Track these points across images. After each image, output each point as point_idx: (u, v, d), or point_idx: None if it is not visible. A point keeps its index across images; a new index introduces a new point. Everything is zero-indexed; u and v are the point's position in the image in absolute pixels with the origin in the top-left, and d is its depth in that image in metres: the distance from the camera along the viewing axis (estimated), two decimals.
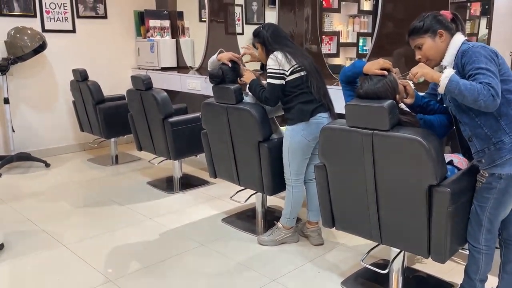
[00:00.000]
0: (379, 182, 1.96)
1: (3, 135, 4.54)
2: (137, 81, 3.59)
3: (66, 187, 3.92)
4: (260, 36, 2.61)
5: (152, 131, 3.68)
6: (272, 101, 2.56)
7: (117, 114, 4.30)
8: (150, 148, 3.80)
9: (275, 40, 2.58)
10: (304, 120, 2.53)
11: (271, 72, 2.52)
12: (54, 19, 4.71)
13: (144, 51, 5.20)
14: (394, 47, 3.22)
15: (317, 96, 2.51)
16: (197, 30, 5.17)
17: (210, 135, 2.98)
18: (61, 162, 4.66)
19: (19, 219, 3.22)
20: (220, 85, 2.76)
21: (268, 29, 2.61)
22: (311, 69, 2.53)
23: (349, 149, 1.99)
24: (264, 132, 2.65)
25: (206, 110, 2.92)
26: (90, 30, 4.99)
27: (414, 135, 1.81)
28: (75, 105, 4.64)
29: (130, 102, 3.79)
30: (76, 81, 4.41)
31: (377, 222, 2.03)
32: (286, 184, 2.71)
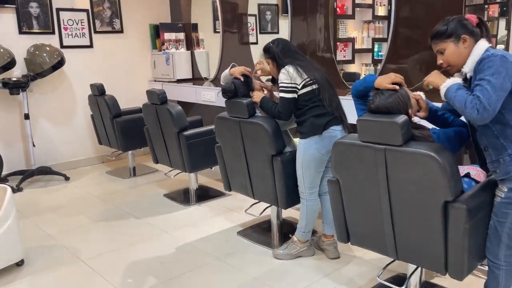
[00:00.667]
0: (393, 198, 1.92)
1: (24, 150, 4.64)
2: (152, 95, 3.63)
3: (85, 201, 3.98)
4: (270, 52, 2.62)
5: (167, 144, 3.70)
6: (285, 115, 2.56)
7: (134, 127, 4.35)
8: (166, 161, 3.83)
9: (285, 54, 2.57)
10: (317, 134, 2.51)
11: (283, 86, 2.51)
12: (72, 35, 4.81)
13: (159, 64, 5.26)
14: (409, 52, 3.18)
15: (329, 109, 2.49)
16: (212, 42, 5.20)
17: (224, 149, 2.98)
18: (81, 175, 4.73)
19: (39, 234, 3.28)
20: (232, 99, 2.76)
21: (278, 44, 2.61)
22: (323, 82, 2.51)
23: (362, 164, 1.97)
24: (277, 145, 2.64)
25: (219, 124, 2.93)
26: (107, 44, 5.08)
27: (427, 150, 1.77)
28: (93, 119, 4.72)
29: (146, 116, 3.83)
30: (94, 96, 4.48)
31: (392, 238, 1.99)
32: (301, 197, 2.69)
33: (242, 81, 2.77)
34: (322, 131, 2.51)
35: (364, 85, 2.04)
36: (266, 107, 2.63)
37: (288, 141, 2.82)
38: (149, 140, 3.91)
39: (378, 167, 1.91)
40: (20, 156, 4.62)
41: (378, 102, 1.88)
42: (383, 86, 1.91)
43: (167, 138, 3.67)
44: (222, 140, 2.97)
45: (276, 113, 2.56)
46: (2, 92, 4.41)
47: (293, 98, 2.51)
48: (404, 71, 3.22)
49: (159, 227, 3.32)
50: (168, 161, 3.79)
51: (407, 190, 1.86)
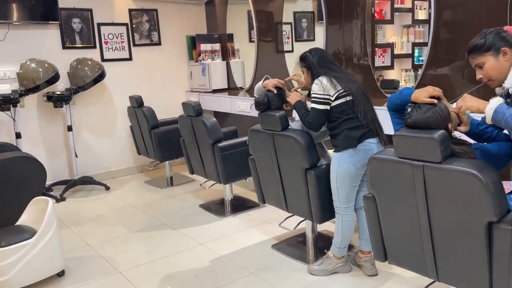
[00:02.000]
0: (433, 217, 1.83)
1: (68, 160, 4.81)
2: (188, 107, 3.66)
3: (124, 210, 4.06)
4: (306, 61, 2.59)
5: (202, 156, 3.72)
6: (315, 126, 2.52)
7: (171, 138, 4.41)
8: (201, 172, 3.85)
9: (321, 64, 2.54)
10: (351, 147, 2.45)
11: (316, 97, 2.48)
12: (112, 48, 4.95)
13: (196, 74, 5.32)
14: (451, 57, 3.05)
15: (364, 121, 2.43)
16: (247, 51, 5.22)
17: (258, 161, 2.96)
18: (120, 185, 4.84)
19: (79, 244, 3.37)
20: (266, 112, 2.74)
21: (315, 54, 2.58)
22: (358, 93, 2.45)
23: (399, 181, 1.89)
24: (311, 159, 2.59)
25: (252, 136, 2.92)
26: (146, 57, 5.19)
27: (468, 167, 1.67)
28: (132, 130, 4.82)
29: (181, 128, 3.87)
30: (133, 107, 4.59)
31: (432, 258, 1.89)
32: (336, 212, 2.63)
33: (275, 93, 2.74)
34: (356, 144, 2.45)
35: (401, 99, 1.97)
36: (299, 112, 2.60)
37: (322, 153, 2.76)
38: (185, 151, 3.94)
39: (416, 185, 1.82)
40: (64, 166, 4.79)
41: (416, 117, 1.81)
42: (420, 100, 1.84)
43: (202, 149, 3.69)
44: (255, 152, 2.96)
45: (306, 122, 2.53)
46: (47, 105, 4.59)
47: (325, 110, 2.46)
48: (446, 78, 3.10)
49: (194, 239, 3.33)
50: (203, 172, 3.81)
51: (447, 209, 1.77)
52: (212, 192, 4.31)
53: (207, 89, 5.18)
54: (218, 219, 3.71)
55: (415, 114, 1.81)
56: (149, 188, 4.67)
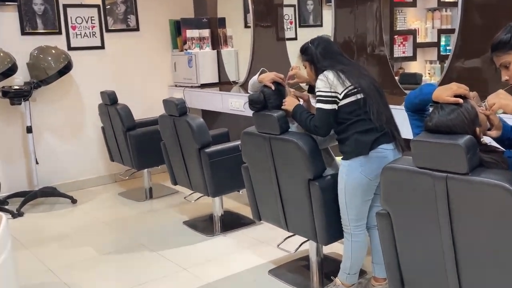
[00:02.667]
0: (457, 237, 1.83)
1: (27, 168, 4.80)
2: (170, 105, 3.67)
3: (94, 228, 4.06)
4: (308, 53, 2.60)
5: (187, 163, 3.72)
6: (322, 130, 2.52)
7: (150, 142, 4.41)
8: (185, 183, 3.86)
9: (326, 56, 2.55)
10: (362, 154, 2.46)
11: (321, 96, 2.48)
12: (80, 35, 4.96)
13: (181, 66, 5.33)
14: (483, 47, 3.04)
15: (378, 123, 2.43)
16: (242, 39, 5.22)
17: (252, 170, 2.97)
18: (89, 197, 4.84)
19: (39, 268, 3.36)
20: (261, 112, 2.75)
21: (318, 44, 2.59)
22: (370, 90, 2.46)
23: (418, 195, 1.89)
24: (315, 168, 2.60)
25: (246, 141, 2.92)
26: (121, 45, 5.20)
27: (500, 179, 1.67)
28: (104, 132, 4.83)
29: (162, 129, 3.88)
30: (105, 105, 4.59)
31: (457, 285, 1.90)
32: (344, 231, 2.63)
33: (273, 90, 2.75)
34: (368, 151, 2.45)
35: (420, 98, 1.97)
36: (300, 118, 2.60)
37: (329, 161, 2.77)
38: (166, 158, 3.95)
39: (438, 200, 1.83)
40: (22, 175, 4.79)
41: (437, 119, 1.81)
42: (443, 99, 1.84)
43: (186, 155, 3.69)
44: (249, 160, 2.96)
45: (311, 127, 2.53)
46: (2, 102, 4.59)
47: (333, 110, 2.47)
48: (477, 71, 3.11)
49: (177, 263, 3.33)
50: (188, 182, 3.81)
51: (474, 227, 1.77)
52: (199, 207, 4.31)
53: (194, 83, 5.18)
54: (205, 239, 3.71)
55: (437, 116, 1.81)
56: (124, 201, 4.67)
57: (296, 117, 2.63)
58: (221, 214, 3.88)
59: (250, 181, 3.01)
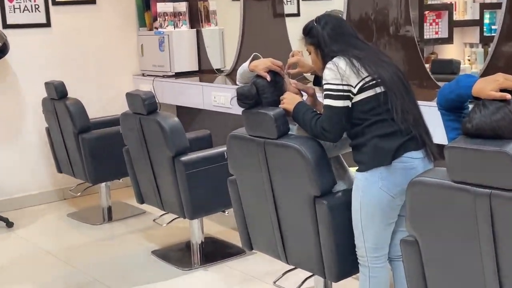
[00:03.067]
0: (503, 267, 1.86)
1: None
2: (135, 101, 3.67)
3: (35, 260, 4.03)
4: (313, 35, 2.61)
5: (157, 176, 3.73)
6: (332, 134, 2.53)
7: (109, 148, 4.40)
8: (155, 201, 3.85)
9: (336, 39, 2.56)
10: (383, 164, 2.47)
11: (330, 90, 2.49)
12: (20, 9, 4.96)
13: (150, 49, 5.34)
14: None
15: (402, 125, 2.44)
16: (229, 14, 5.24)
17: (241, 185, 2.97)
18: (30, 220, 4.81)
19: None
20: (253, 110, 2.75)
21: (326, 23, 2.60)
22: (393, 82, 2.47)
23: (455, 216, 1.93)
24: (322, 182, 2.60)
25: (233, 146, 2.92)
26: (72, 22, 5.20)
27: None
28: (49, 135, 4.81)
29: (125, 131, 3.88)
30: (51, 100, 4.59)
31: None
32: (360, 264, 2.64)
33: (268, 81, 2.76)
34: (391, 160, 2.46)
35: (457, 92, 2.00)
36: (304, 119, 2.61)
37: (340, 173, 2.78)
38: (130, 169, 3.95)
39: (480, 222, 1.86)
40: None
41: (479, 120, 1.84)
42: (486, 95, 1.87)
43: (156, 165, 3.69)
44: (238, 171, 2.96)
45: (318, 129, 2.54)
46: None
47: (345, 108, 2.48)
48: None
49: None
50: (159, 200, 3.80)
51: None
52: (172, 232, 4.30)
53: (167, 72, 5.19)
54: (180, 274, 3.70)
55: (478, 116, 1.84)
56: (75, 225, 4.64)
57: (299, 118, 2.63)
58: (201, 242, 3.87)
59: (238, 199, 3.00)
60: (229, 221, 4.37)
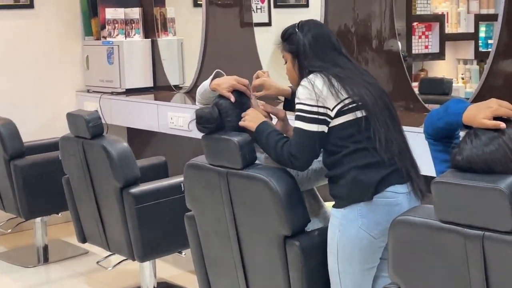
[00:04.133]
0: None
1: None
2: (78, 122, 3.66)
3: None
4: (293, 42, 2.65)
5: (102, 210, 3.72)
6: (301, 161, 2.55)
7: (46, 177, 4.39)
8: (99, 240, 3.83)
9: (317, 52, 2.60)
10: (363, 199, 2.50)
11: (303, 111, 2.52)
12: None
13: (97, 62, 5.34)
14: None
15: (385, 155, 2.47)
16: (190, 23, 5.27)
17: (200, 222, 2.97)
18: None
19: None
20: (215, 135, 2.77)
21: (309, 30, 2.63)
22: (377, 106, 2.51)
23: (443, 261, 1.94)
24: (294, 219, 2.61)
25: (191, 177, 2.93)
26: (5, 28, 5.19)
27: None
28: None
29: (65, 158, 3.87)
30: None
31: None
32: None
33: (232, 102, 2.77)
34: (372, 195, 2.49)
35: (446, 120, 2.03)
36: (267, 141, 2.61)
37: (315, 209, 2.80)
38: (70, 201, 3.93)
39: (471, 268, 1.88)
40: None
41: (470, 152, 1.87)
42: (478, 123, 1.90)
43: (101, 198, 3.68)
44: (196, 206, 2.97)
45: (285, 155, 2.54)
46: None
47: (319, 133, 2.51)
48: None
49: None
50: (104, 239, 3.79)
51: None
52: (120, 276, 4.28)
53: (116, 88, 5.20)
54: None
55: (470, 147, 1.87)
56: (4, 267, 4.59)
57: (261, 140, 2.63)
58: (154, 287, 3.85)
59: (197, 238, 3.00)
60: (185, 264, 4.36)
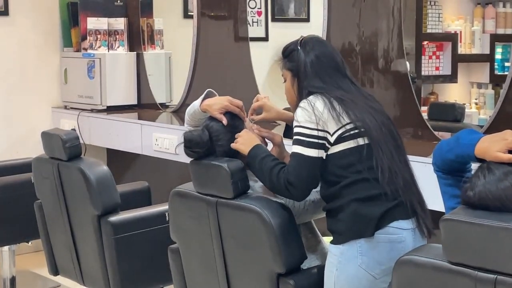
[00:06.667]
0: None
1: None
2: (53, 141, 3.66)
3: None
4: (294, 59, 2.67)
5: (77, 240, 3.71)
6: (299, 189, 2.54)
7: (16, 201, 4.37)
8: (73, 272, 3.82)
9: (319, 72, 2.61)
10: (363, 235, 2.49)
11: (302, 134, 2.53)
12: None
13: (76, 76, 5.36)
14: None
15: (388, 187, 2.48)
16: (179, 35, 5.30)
17: (186, 255, 2.98)
18: None
19: None
20: (205, 161, 2.77)
21: (312, 48, 2.65)
22: (380, 133, 2.52)
23: None
24: (289, 255, 2.61)
25: (177, 206, 2.94)
26: None
27: None
28: None
29: (38, 181, 3.87)
30: None
31: None
32: None
33: (224, 125, 2.79)
34: (373, 231, 2.49)
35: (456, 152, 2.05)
36: (261, 166, 2.61)
37: (312, 244, 2.82)
38: (42, 229, 3.92)
39: None
40: None
41: (483, 188, 1.88)
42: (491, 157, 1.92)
43: (77, 226, 3.68)
44: (182, 237, 2.97)
45: (282, 182, 2.54)
46: None
47: (319, 159, 2.52)
48: None
49: None
50: (78, 272, 3.78)
51: None
52: None
53: (97, 105, 5.21)
54: None
55: (482, 183, 1.88)
56: None
57: (255, 166, 2.63)
58: None
59: (181, 273, 3.00)
60: None
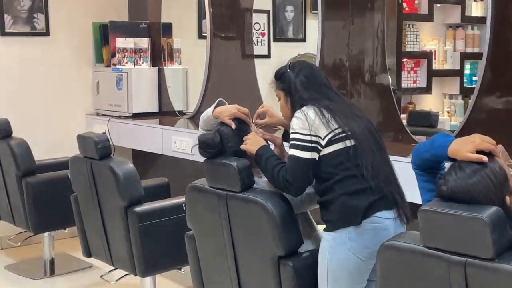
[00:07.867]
0: None
1: None
2: (87, 144, 3.66)
3: None
4: (285, 80, 2.67)
5: (107, 227, 3.70)
6: (295, 187, 2.56)
7: (55, 194, 4.37)
8: (103, 255, 3.81)
9: (308, 88, 2.63)
10: (352, 224, 2.50)
11: (297, 139, 2.54)
12: None
13: (106, 87, 5.35)
14: None
15: (373, 182, 2.48)
16: (195, 53, 5.29)
17: (200, 241, 2.97)
18: None
19: None
20: (216, 160, 2.77)
21: (300, 70, 2.67)
22: (364, 136, 2.53)
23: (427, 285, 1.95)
24: (288, 241, 2.61)
25: (193, 198, 2.93)
26: (21, 54, 5.20)
27: None
28: None
29: (74, 177, 3.86)
30: None
31: None
32: None
33: (233, 129, 2.79)
34: (360, 220, 2.49)
35: (432, 152, 2.04)
36: (266, 165, 2.63)
37: (308, 232, 2.79)
38: (77, 218, 3.91)
39: None
40: None
41: (454, 183, 1.88)
42: (462, 156, 1.91)
43: (107, 216, 3.67)
44: (196, 226, 2.96)
45: (281, 180, 2.56)
46: None
47: (312, 160, 2.52)
48: None
49: None
50: (108, 254, 3.77)
51: None
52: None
53: (124, 112, 5.20)
54: None
55: (454, 179, 1.88)
56: (13, 279, 4.57)
57: (261, 163, 2.65)
58: None
59: (196, 256, 2.99)
60: (185, 280, 4.34)
